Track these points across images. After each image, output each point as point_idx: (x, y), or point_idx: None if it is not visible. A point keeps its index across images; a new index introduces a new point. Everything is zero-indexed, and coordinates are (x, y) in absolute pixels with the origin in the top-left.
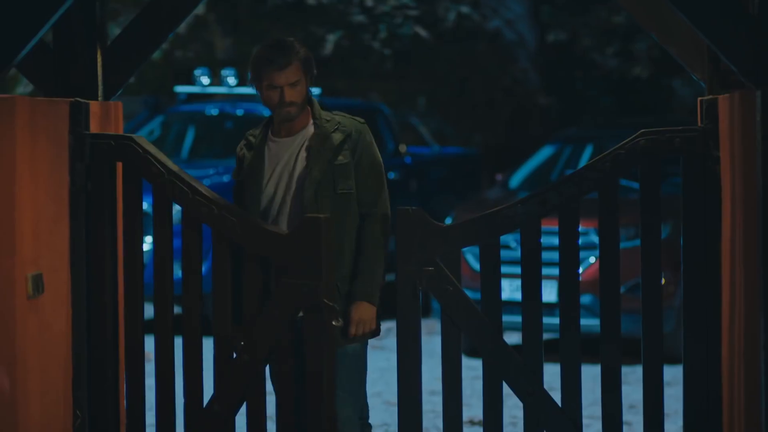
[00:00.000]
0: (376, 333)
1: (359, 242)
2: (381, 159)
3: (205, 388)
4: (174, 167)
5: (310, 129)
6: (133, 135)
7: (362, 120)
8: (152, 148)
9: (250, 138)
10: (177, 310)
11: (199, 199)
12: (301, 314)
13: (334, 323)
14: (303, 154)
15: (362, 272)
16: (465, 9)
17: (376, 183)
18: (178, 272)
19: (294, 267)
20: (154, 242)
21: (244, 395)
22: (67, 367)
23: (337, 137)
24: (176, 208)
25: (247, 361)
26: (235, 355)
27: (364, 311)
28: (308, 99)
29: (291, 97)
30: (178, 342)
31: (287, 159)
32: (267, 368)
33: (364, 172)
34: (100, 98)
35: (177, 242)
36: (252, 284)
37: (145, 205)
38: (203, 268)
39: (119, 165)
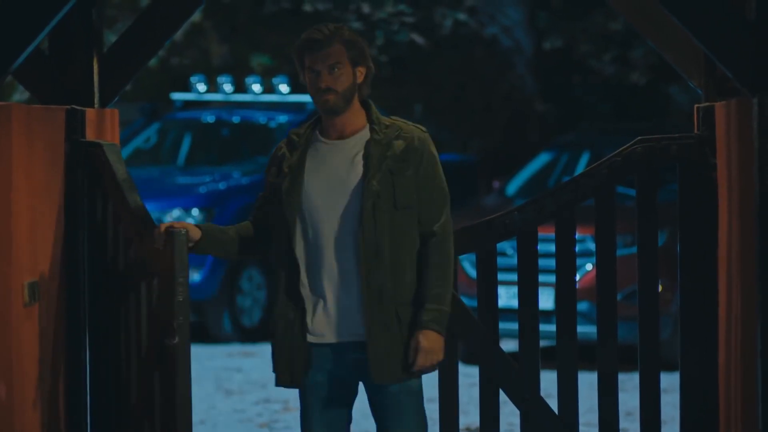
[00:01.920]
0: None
1: (423, 265)
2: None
3: (200, 394)
4: (123, 176)
5: (367, 134)
6: (102, 141)
7: (424, 128)
8: (114, 156)
9: (293, 137)
10: None
11: (125, 212)
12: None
13: (165, 341)
14: (359, 161)
15: (430, 299)
16: (462, 16)
17: (440, 199)
18: None
19: (161, 282)
20: None
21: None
22: (63, 374)
23: (399, 145)
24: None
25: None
26: None
27: (434, 340)
28: (362, 99)
29: (329, 82)
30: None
31: (338, 164)
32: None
33: (428, 186)
34: (96, 105)
35: None
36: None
37: None
38: (198, 276)
39: None
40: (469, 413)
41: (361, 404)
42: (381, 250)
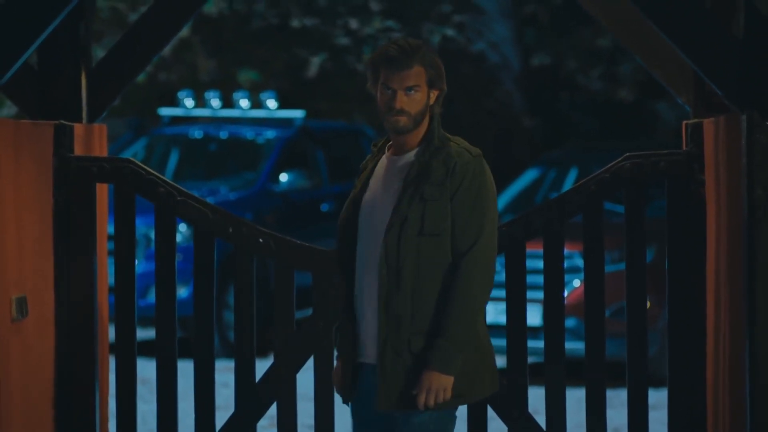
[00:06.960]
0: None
1: (446, 295)
2: (491, 201)
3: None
4: (182, 188)
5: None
6: (130, 158)
7: (478, 151)
8: (152, 170)
9: (373, 148)
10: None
11: (219, 218)
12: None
13: None
14: (399, 181)
15: (443, 334)
16: (449, 32)
17: (473, 229)
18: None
19: None
20: (157, 263)
21: None
22: (51, 390)
23: (439, 170)
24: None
25: None
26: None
27: (435, 380)
28: (431, 117)
29: (403, 103)
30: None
31: (385, 182)
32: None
33: (462, 213)
34: (84, 120)
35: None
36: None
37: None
38: (186, 292)
39: (101, 186)
40: (457, 429)
41: None
42: (403, 276)
